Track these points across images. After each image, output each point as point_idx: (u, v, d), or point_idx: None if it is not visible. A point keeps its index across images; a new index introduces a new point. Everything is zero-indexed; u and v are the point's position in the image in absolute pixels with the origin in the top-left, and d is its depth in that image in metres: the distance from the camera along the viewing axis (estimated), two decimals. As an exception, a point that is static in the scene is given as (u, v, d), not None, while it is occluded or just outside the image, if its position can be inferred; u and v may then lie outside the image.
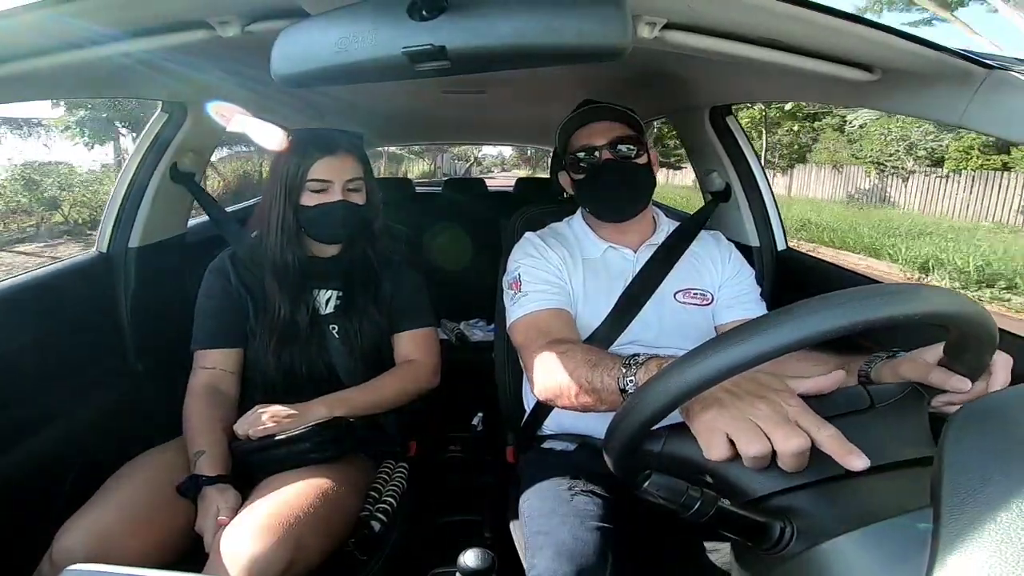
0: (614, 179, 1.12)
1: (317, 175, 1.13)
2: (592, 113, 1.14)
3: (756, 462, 0.51)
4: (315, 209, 1.14)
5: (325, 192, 1.14)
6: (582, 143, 1.14)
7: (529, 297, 1.08)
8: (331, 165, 1.14)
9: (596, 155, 1.12)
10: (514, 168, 25.63)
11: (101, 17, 0.74)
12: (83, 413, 1.25)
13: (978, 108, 0.80)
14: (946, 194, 11.77)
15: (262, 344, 1.15)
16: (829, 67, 0.88)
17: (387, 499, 1.11)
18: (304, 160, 1.13)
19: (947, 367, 0.63)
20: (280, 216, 1.14)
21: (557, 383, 0.87)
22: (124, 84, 1.20)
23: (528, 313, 1.06)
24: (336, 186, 1.14)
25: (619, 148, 1.11)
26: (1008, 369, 0.63)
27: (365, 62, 0.66)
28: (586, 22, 0.62)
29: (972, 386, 0.61)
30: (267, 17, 0.77)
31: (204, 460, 0.99)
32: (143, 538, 0.88)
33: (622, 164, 1.12)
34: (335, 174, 1.14)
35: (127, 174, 1.44)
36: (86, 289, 1.35)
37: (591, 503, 0.94)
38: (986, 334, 0.54)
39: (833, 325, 0.46)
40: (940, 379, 0.62)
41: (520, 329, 1.07)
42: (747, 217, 1.60)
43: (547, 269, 1.12)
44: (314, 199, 1.14)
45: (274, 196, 1.15)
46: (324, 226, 1.16)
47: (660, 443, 0.55)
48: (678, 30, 0.79)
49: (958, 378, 0.60)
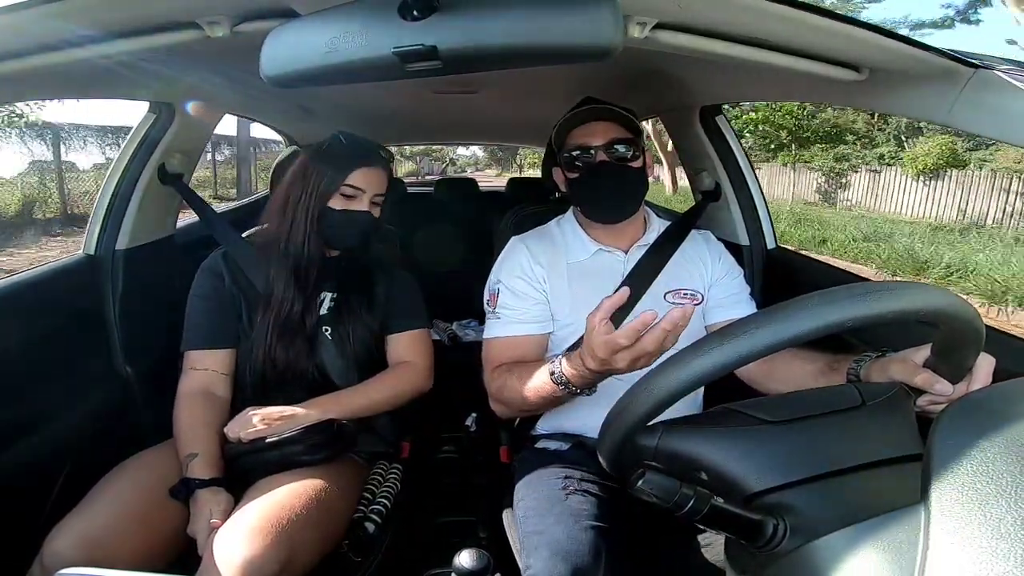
0: (608, 181, 1.12)
1: (353, 182, 1.13)
2: (591, 112, 1.13)
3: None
4: (341, 214, 1.14)
5: (355, 200, 1.14)
6: (579, 142, 1.13)
7: (501, 320, 1.14)
8: (367, 175, 1.14)
9: (592, 155, 1.12)
10: (486, 168, 27.30)
11: (89, 17, 0.74)
12: (71, 417, 1.23)
13: (963, 107, 0.81)
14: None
15: (256, 344, 1.14)
16: (817, 67, 0.88)
17: (381, 500, 1.11)
18: (344, 164, 1.13)
19: (933, 368, 0.66)
20: (308, 214, 1.14)
21: (507, 397, 1.03)
22: (112, 85, 1.19)
23: (495, 337, 1.14)
24: (366, 196, 1.15)
25: (615, 149, 1.11)
26: (990, 372, 0.66)
27: (355, 62, 0.66)
28: (577, 22, 0.62)
29: (954, 389, 0.65)
30: (256, 17, 0.76)
31: (196, 463, 0.98)
32: (134, 541, 0.87)
33: (617, 167, 1.11)
34: (368, 184, 1.15)
35: (114, 175, 1.43)
36: (73, 292, 1.33)
37: (585, 502, 0.95)
38: (973, 332, 0.55)
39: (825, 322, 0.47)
40: (925, 381, 0.66)
41: (488, 347, 1.15)
42: (737, 216, 1.61)
43: (525, 291, 1.14)
44: (343, 204, 1.14)
45: (304, 192, 1.14)
46: (345, 232, 1.16)
47: (656, 438, 0.56)
48: (668, 30, 0.79)
49: (943, 383, 0.65)
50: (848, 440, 0.54)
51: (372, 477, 1.17)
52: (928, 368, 0.68)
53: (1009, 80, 0.75)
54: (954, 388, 0.65)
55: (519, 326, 1.13)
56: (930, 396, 0.67)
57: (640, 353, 0.74)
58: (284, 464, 1.00)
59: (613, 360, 0.76)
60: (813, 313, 0.48)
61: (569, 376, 0.87)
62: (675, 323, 0.70)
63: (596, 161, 1.11)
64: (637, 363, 0.76)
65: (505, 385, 1.03)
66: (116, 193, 1.42)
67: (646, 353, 0.74)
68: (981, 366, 0.65)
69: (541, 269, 1.15)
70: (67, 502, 0.90)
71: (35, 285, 1.25)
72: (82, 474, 0.99)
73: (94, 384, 1.33)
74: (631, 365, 0.76)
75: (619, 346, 0.74)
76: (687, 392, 0.51)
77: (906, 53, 0.78)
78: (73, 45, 0.80)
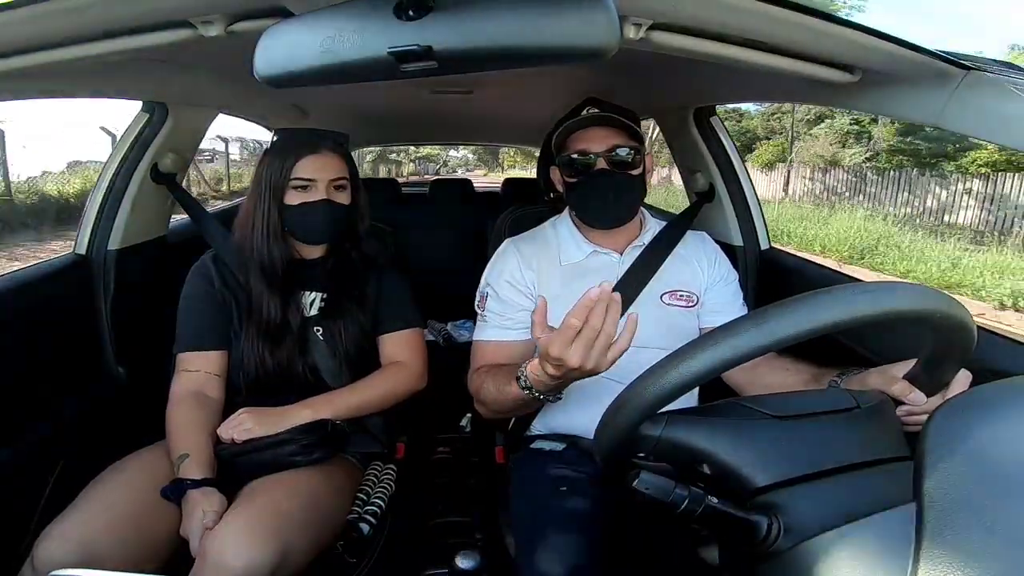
0: (607, 189, 1.10)
1: (301, 174, 1.11)
2: (594, 119, 1.10)
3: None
4: (298, 208, 1.12)
5: (309, 191, 1.12)
6: (580, 146, 1.10)
7: (487, 324, 1.15)
8: (315, 164, 1.12)
9: (592, 161, 1.10)
10: (475, 168, 28.47)
11: (81, 16, 0.73)
12: (62, 417, 1.23)
13: (955, 108, 0.81)
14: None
15: (247, 346, 1.14)
16: (811, 68, 0.89)
17: (375, 501, 1.11)
18: (288, 159, 1.11)
19: (911, 380, 0.70)
20: (265, 216, 1.13)
21: (484, 398, 1.04)
22: (104, 84, 1.18)
23: (479, 340, 1.16)
24: (320, 185, 1.13)
25: (616, 154, 1.09)
26: (966, 387, 0.70)
27: (351, 62, 0.66)
28: (573, 23, 0.62)
29: (927, 401, 0.69)
30: (251, 16, 0.76)
31: (188, 463, 0.97)
32: (127, 543, 0.86)
33: (617, 175, 1.10)
34: (319, 172, 1.12)
35: (106, 175, 1.42)
36: (64, 292, 1.32)
37: (580, 502, 0.95)
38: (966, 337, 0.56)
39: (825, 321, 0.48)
40: (902, 390, 0.70)
41: (473, 348, 1.17)
42: (731, 217, 1.61)
43: (511, 296, 1.14)
44: (298, 198, 1.12)
45: (259, 195, 1.13)
46: (307, 225, 1.15)
47: (660, 427, 0.56)
48: (664, 31, 0.79)
49: (917, 393, 0.69)
50: (845, 440, 0.54)
51: (366, 478, 1.17)
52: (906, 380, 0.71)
53: (1001, 82, 0.75)
54: (928, 400, 0.69)
55: (503, 331, 1.13)
56: (906, 407, 0.70)
57: (591, 336, 0.70)
58: (277, 465, 0.99)
59: (567, 356, 0.72)
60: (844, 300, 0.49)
61: (533, 381, 0.85)
62: (606, 291, 0.69)
63: (596, 168, 1.10)
64: (591, 353, 0.71)
65: (483, 387, 1.03)
66: (108, 193, 1.41)
67: (596, 333, 0.70)
68: (958, 380, 0.68)
69: (532, 273, 1.14)
70: (59, 503, 0.90)
71: (26, 285, 1.24)
72: (74, 475, 0.98)
73: (86, 385, 1.32)
74: (585, 356, 0.72)
75: (568, 337, 0.71)
76: (696, 384, 0.52)
77: (899, 54, 0.78)
78: (65, 44, 0.79)
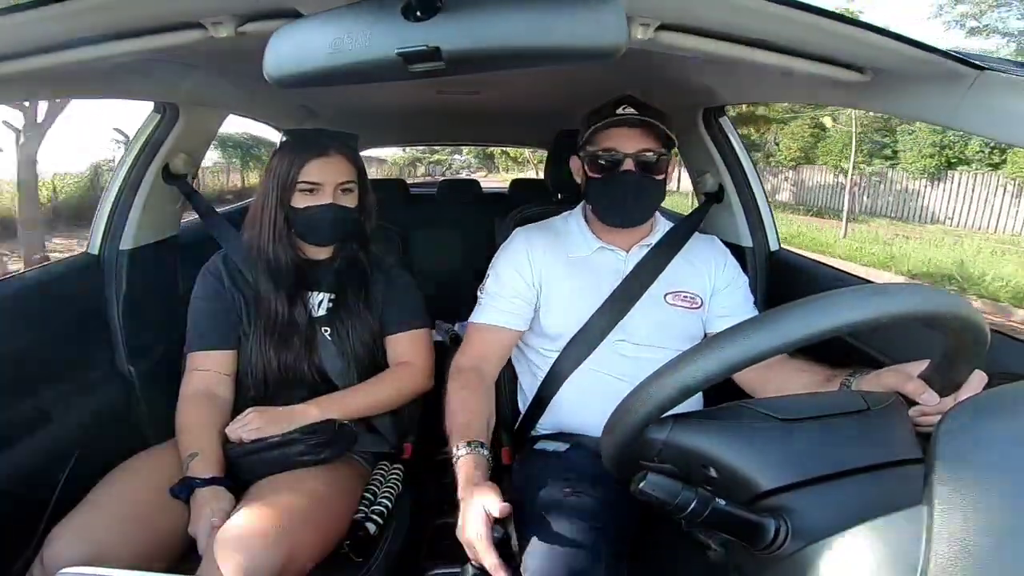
0: (628, 190, 1.10)
1: (308, 177, 1.11)
2: (629, 120, 1.09)
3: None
4: (305, 211, 1.13)
5: (316, 194, 1.13)
6: (608, 144, 1.10)
7: (482, 307, 1.17)
8: (323, 167, 1.12)
9: (619, 160, 1.09)
10: (477, 170, 29.34)
11: (93, 17, 0.74)
12: (73, 416, 1.24)
13: (969, 109, 0.80)
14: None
15: (256, 346, 1.14)
16: (821, 68, 0.88)
17: (382, 501, 1.11)
18: (296, 161, 1.12)
19: (926, 380, 0.69)
20: (272, 218, 1.14)
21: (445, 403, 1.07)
22: (116, 85, 1.19)
23: (471, 322, 1.17)
24: (327, 188, 1.13)
25: (643, 157, 1.09)
26: (980, 387, 0.69)
27: (359, 63, 0.66)
28: (581, 23, 0.62)
29: (940, 401, 0.68)
30: (260, 17, 0.76)
31: (197, 462, 0.98)
32: (135, 541, 0.87)
33: (641, 177, 1.09)
34: (326, 176, 1.13)
35: (118, 175, 1.43)
36: (76, 291, 1.33)
37: (586, 503, 0.94)
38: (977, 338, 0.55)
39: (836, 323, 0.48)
40: (915, 390, 0.69)
41: (467, 331, 1.19)
42: (740, 218, 1.60)
43: (511, 281, 1.15)
44: (305, 201, 1.13)
45: (266, 197, 1.14)
46: (314, 229, 1.15)
47: (666, 431, 0.55)
48: (672, 31, 0.79)
49: (930, 393, 0.68)
50: (854, 442, 0.54)
51: (373, 477, 1.17)
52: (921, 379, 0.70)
53: (1016, 82, 0.74)
54: (941, 401, 0.68)
55: (494, 314, 1.14)
56: (919, 408, 0.69)
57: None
58: (285, 464, 1.00)
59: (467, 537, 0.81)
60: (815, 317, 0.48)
61: (458, 466, 0.93)
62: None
63: (621, 169, 1.09)
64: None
65: (453, 397, 1.06)
66: (120, 193, 1.42)
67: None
68: (972, 381, 0.67)
69: (538, 264, 1.15)
70: (69, 501, 0.90)
71: (39, 284, 1.25)
72: (84, 473, 0.99)
73: (97, 384, 1.33)
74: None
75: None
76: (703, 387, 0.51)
77: (910, 55, 0.77)
78: (78, 45, 0.80)
